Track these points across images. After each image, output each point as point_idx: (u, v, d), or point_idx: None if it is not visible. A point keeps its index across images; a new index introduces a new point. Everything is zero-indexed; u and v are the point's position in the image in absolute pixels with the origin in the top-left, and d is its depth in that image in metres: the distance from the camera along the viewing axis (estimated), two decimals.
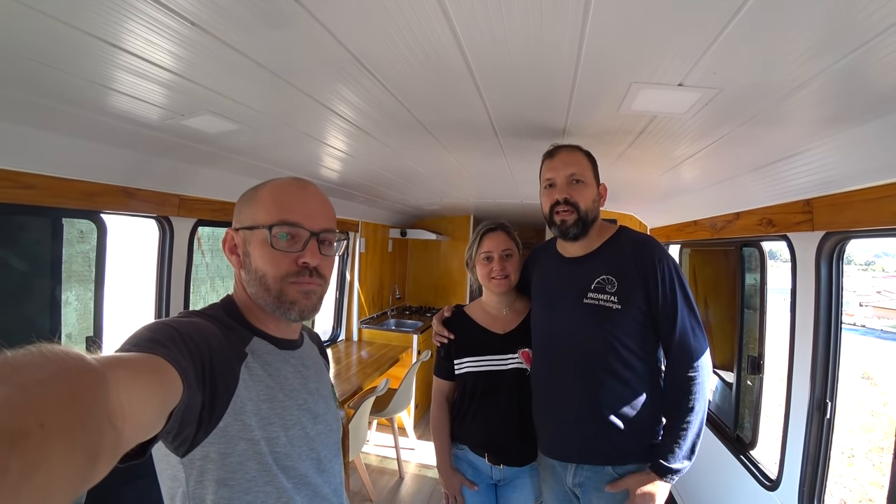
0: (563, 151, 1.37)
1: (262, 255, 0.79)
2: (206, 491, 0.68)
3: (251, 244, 0.80)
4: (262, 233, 0.79)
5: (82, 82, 1.04)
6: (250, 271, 0.81)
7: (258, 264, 0.80)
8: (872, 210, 1.27)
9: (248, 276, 0.81)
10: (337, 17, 0.78)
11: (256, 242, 0.80)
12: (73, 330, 2.04)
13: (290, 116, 1.36)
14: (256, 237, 0.80)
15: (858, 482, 5.26)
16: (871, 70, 0.85)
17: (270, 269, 0.79)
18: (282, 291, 0.80)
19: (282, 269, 0.79)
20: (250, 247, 0.80)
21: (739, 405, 2.39)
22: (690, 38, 0.79)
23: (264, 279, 0.79)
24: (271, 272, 0.79)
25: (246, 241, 0.81)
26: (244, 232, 0.82)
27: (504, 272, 1.52)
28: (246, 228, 0.81)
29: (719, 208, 2.29)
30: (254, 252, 0.80)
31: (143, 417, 0.46)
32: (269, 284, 0.79)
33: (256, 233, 0.80)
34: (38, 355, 0.37)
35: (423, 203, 3.96)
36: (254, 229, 0.80)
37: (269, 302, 0.80)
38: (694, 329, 1.29)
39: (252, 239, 0.80)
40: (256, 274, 0.80)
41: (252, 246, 0.80)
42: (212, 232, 2.64)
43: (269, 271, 0.79)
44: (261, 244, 0.79)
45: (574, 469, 1.37)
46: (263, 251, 0.79)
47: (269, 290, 0.80)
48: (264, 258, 0.79)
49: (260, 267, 0.79)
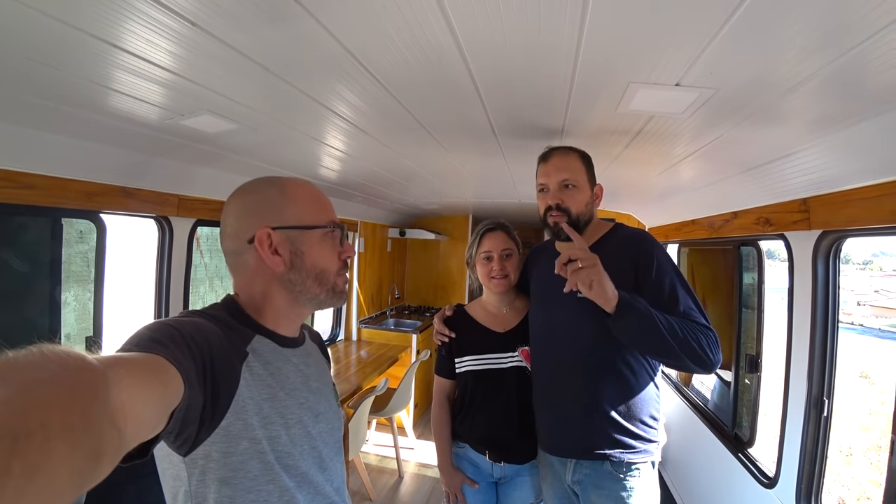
0: (556, 155, 1.37)
1: (322, 253, 0.85)
2: (208, 490, 0.69)
3: (304, 243, 0.83)
4: (319, 232, 0.85)
5: (82, 82, 1.04)
6: (303, 269, 0.83)
7: (316, 261, 0.84)
8: (869, 209, 1.28)
9: (300, 274, 0.84)
10: (335, 16, 0.78)
11: (313, 241, 0.84)
12: (72, 330, 2.04)
13: (289, 116, 1.36)
14: (312, 236, 0.84)
15: (856, 480, 5.28)
16: (867, 69, 0.86)
17: (331, 264, 0.87)
18: (335, 284, 0.87)
19: (336, 264, 0.88)
20: (304, 246, 0.83)
21: (737, 403, 2.40)
22: (687, 37, 0.80)
23: (323, 275, 0.85)
24: (331, 267, 0.87)
25: (295, 241, 0.83)
26: (289, 231, 0.83)
27: (504, 272, 1.53)
28: (294, 228, 0.83)
29: (717, 207, 2.30)
30: (311, 251, 0.84)
31: (144, 417, 0.46)
32: (327, 279, 0.86)
33: (313, 232, 0.85)
34: (39, 355, 0.37)
35: (421, 203, 3.96)
36: (310, 229, 0.84)
37: (322, 295, 0.86)
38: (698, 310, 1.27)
39: (305, 238, 0.84)
40: (314, 271, 0.84)
41: (307, 245, 0.84)
42: (210, 232, 2.64)
43: (329, 267, 0.86)
44: (319, 242, 0.85)
45: (573, 466, 1.38)
46: (322, 249, 0.85)
47: (326, 283, 0.86)
48: (324, 256, 0.85)
49: (319, 263, 0.85)
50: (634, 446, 1.32)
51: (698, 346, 1.16)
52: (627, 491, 1.30)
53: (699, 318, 1.24)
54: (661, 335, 1.14)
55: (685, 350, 1.15)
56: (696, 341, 1.16)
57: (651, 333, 1.15)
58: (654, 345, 1.17)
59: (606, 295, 1.12)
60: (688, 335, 1.16)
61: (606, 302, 1.14)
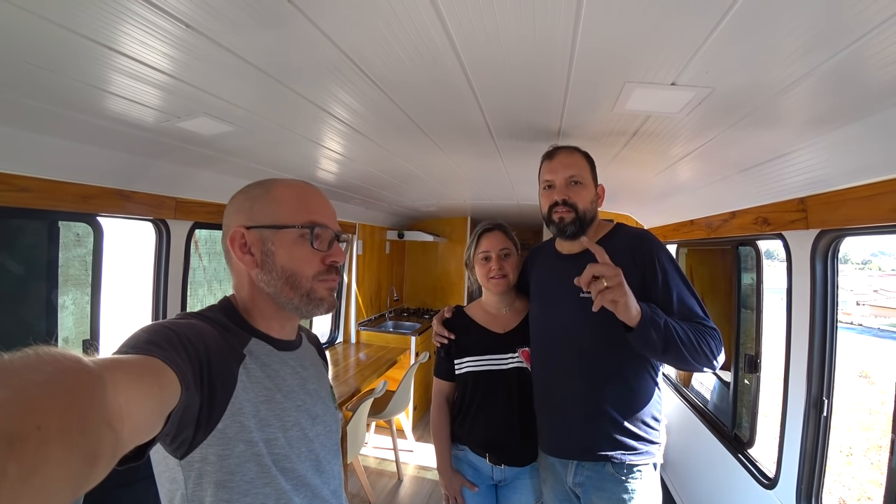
0: (561, 153, 1.37)
1: (294, 254, 0.80)
2: (204, 493, 0.68)
3: (275, 243, 0.80)
4: (292, 232, 0.80)
5: (78, 85, 1.04)
6: (273, 271, 0.80)
7: (286, 263, 0.80)
8: (866, 207, 1.28)
9: (269, 275, 0.81)
10: (330, 18, 0.78)
11: (284, 242, 0.80)
12: (69, 334, 2.03)
13: (285, 118, 1.36)
14: (284, 236, 0.80)
15: (857, 480, 5.28)
16: (863, 67, 0.86)
17: (303, 267, 0.81)
18: (312, 289, 0.82)
19: (313, 268, 0.82)
20: (275, 246, 0.80)
21: (737, 404, 2.40)
22: (682, 36, 0.80)
23: (294, 278, 0.81)
24: (304, 271, 0.81)
25: (266, 240, 0.81)
26: (262, 231, 0.81)
27: (502, 271, 1.53)
28: (266, 227, 0.81)
29: (715, 207, 2.30)
30: (280, 251, 0.80)
31: (141, 419, 0.46)
32: (299, 283, 0.81)
33: (285, 232, 0.80)
34: (35, 358, 0.37)
35: (420, 205, 3.96)
36: (282, 228, 0.80)
37: (296, 300, 0.81)
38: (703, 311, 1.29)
39: (277, 238, 0.80)
40: (283, 273, 0.80)
41: (278, 245, 0.80)
42: (209, 235, 2.63)
43: (300, 270, 0.81)
44: (291, 243, 0.80)
45: (574, 468, 1.37)
46: (295, 250, 0.81)
47: (299, 288, 0.81)
48: (295, 257, 0.80)
49: (288, 266, 0.80)
50: (636, 447, 1.31)
51: (709, 351, 1.20)
52: (629, 493, 1.29)
53: (705, 320, 1.26)
54: (678, 348, 1.17)
55: (697, 357, 1.19)
56: (707, 346, 1.20)
57: (670, 346, 1.17)
58: (670, 355, 1.19)
59: (630, 313, 1.13)
60: (700, 342, 1.19)
61: (630, 318, 1.14)
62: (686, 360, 1.19)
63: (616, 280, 1.09)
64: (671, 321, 1.19)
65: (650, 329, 1.15)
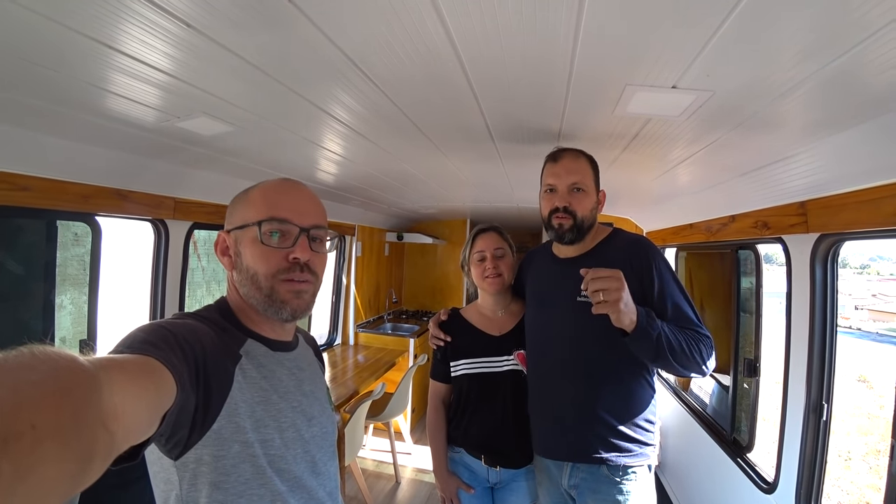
0: (566, 157, 1.36)
1: (253, 252, 0.79)
2: (199, 494, 0.68)
3: (242, 243, 0.80)
4: (252, 230, 0.79)
5: (77, 83, 1.04)
6: (242, 270, 0.80)
7: (249, 262, 0.79)
8: (866, 211, 1.28)
9: (240, 275, 0.81)
10: (331, 18, 0.78)
11: (247, 241, 0.80)
12: (67, 333, 2.03)
13: (285, 119, 1.36)
14: (247, 235, 0.80)
15: (856, 485, 5.27)
16: (863, 72, 0.86)
17: (261, 266, 0.79)
18: (273, 289, 0.79)
19: (272, 266, 0.79)
20: (241, 246, 0.80)
21: (736, 408, 2.40)
22: (683, 40, 0.80)
23: (255, 277, 0.79)
24: (262, 269, 0.79)
25: (237, 241, 0.81)
26: (235, 232, 0.82)
27: (497, 270, 1.53)
28: (237, 228, 0.82)
29: (714, 211, 2.30)
30: (245, 251, 0.80)
31: (136, 419, 0.46)
32: (260, 282, 0.79)
33: (247, 231, 0.80)
34: (30, 357, 0.36)
35: (419, 207, 3.96)
36: (244, 228, 0.80)
37: (261, 301, 0.80)
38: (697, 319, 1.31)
39: (243, 238, 0.80)
40: (248, 273, 0.79)
41: (243, 245, 0.80)
42: (208, 235, 2.63)
43: (260, 269, 0.79)
44: (251, 242, 0.79)
45: (570, 470, 1.37)
46: (254, 249, 0.79)
47: (261, 288, 0.79)
48: (255, 256, 0.79)
49: (251, 265, 0.79)
50: (631, 449, 1.31)
51: (699, 359, 1.23)
52: (624, 495, 1.29)
53: (700, 327, 1.28)
54: (667, 358, 1.19)
55: (687, 364, 1.22)
56: (698, 354, 1.23)
57: (660, 355, 1.19)
58: (664, 361, 1.21)
59: (627, 320, 1.15)
60: (693, 350, 1.22)
61: (628, 325, 1.16)
62: (675, 367, 1.22)
63: (616, 295, 1.11)
64: (666, 329, 1.20)
65: (643, 337, 1.17)
